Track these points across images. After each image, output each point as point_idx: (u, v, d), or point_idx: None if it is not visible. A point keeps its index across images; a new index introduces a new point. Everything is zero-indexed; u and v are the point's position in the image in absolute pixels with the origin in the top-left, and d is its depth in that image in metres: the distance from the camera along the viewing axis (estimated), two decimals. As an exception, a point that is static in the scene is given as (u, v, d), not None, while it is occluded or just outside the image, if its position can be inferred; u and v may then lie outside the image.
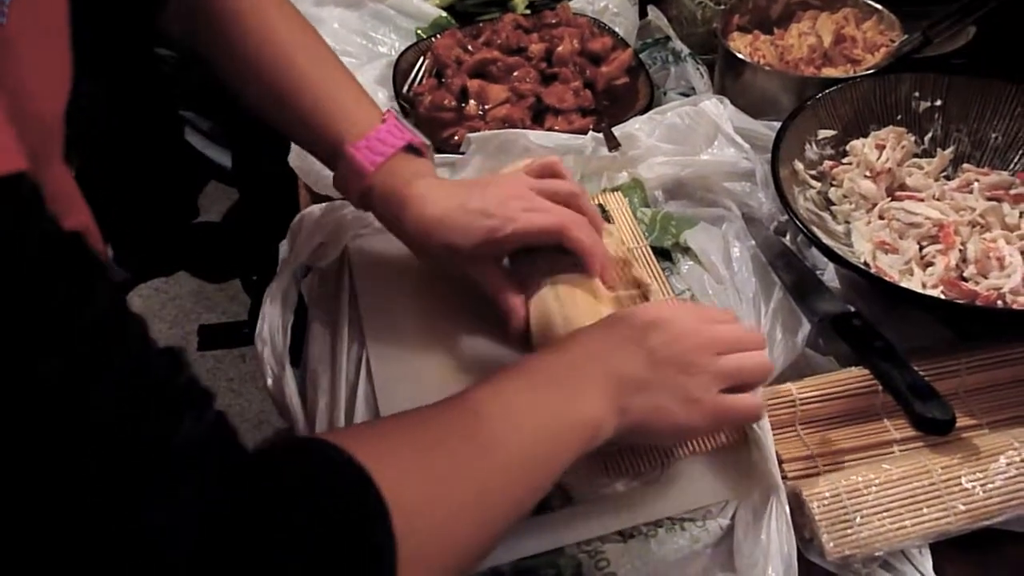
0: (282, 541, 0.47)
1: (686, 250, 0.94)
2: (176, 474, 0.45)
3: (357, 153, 0.82)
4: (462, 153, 1.03)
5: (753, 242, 0.94)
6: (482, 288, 0.83)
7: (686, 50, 1.20)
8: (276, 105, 0.85)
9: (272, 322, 0.87)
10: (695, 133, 1.03)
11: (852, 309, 0.85)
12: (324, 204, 0.97)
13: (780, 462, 0.76)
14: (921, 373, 0.78)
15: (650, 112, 1.06)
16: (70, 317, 0.43)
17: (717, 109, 1.03)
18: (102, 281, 0.46)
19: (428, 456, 0.58)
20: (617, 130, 1.04)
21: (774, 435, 0.77)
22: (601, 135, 1.04)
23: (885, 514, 0.72)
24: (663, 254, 0.95)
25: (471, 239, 0.80)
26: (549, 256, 0.82)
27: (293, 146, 1.01)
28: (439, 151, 1.03)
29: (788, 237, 0.96)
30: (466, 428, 0.61)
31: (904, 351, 0.80)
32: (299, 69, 0.84)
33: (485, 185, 0.84)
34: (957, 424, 0.74)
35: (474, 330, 0.87)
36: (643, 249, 0.93)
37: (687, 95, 1.16)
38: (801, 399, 0.79)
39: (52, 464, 0.41)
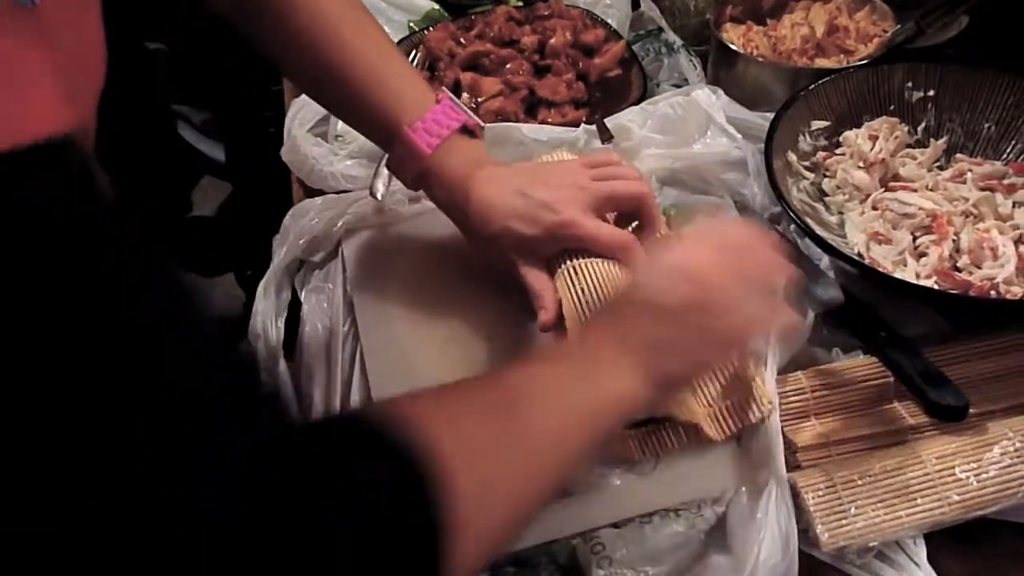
0: (332, 503, 0.47)
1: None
2: (231, 436, 0.45)
3: (414, 135, 0.81)
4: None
5: None
6: (519, 279, 0.82)
7: (679, 41, 1.19)
8: (325, 83, 0.85)
9: (265, 317, 0.87)
10: (687, 123, 1.02)
11: (848, 297, 0.85)
12: (317, 198, 0.97)
13: (795, 450, 0.77)
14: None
15: (642, 103, 1.06)
16: (127, 286, 0.43)
17: (709, 99, 1.02)
18: (156, 251, 0.45)
19: (471, 426, 0.57)
20: (609, 121, 1.04)
21: (788, 424, 0.78)
22: (594, 127, 1.03)
23: (879, 505, 0.72)
24: None
25: (532, 230, 0.79)
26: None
27: (285, 140, 1.01)
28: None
29: (782, 227, 0.96)
30: (502, 405, 0.60)
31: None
32: (350, 47, 0.83)
33: (546, 174, 0.83)
34: (951, 415, 0.75)
35: (469, 323, 0.87)
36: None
37: (680, 87, 1.16)
38: (813, 387, 0.80)
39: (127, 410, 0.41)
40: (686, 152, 1.00)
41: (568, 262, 0.80)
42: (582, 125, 1.03)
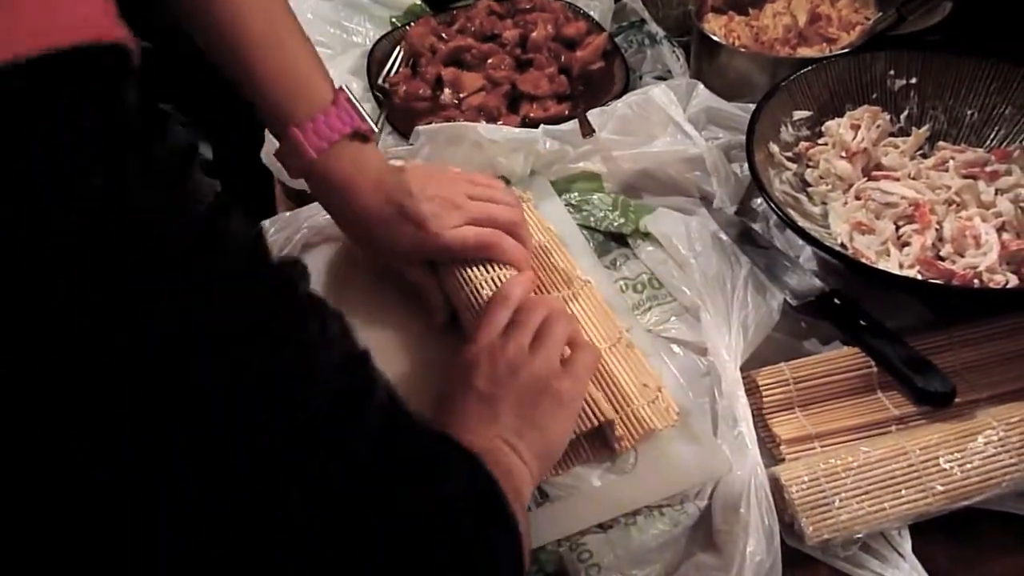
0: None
1: (646, 235, 0.94)
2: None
3: (302, 136, 0.81)
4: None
5: (715, 225, 0.94)
6: (409, 282, 0.87)
7: (661, 33, 1.19)
8: (232, 67, 0.83)
9: None
10: (647, 123, 1.01)
11: (827, 288, 0.85)
12: (275, 217, 0.98)
13: (779, 443, 0.77)
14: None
15: (599, 107, 1.05)
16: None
17: (666, 97, 1.02)
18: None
19: None
20: (567, 126, 1.02)
21: (772, 416, 0.78)
22: (561, 127, 1.02)
23: (864, 497, 0.71)
24: (618, 239, 0.96)
25: (399, 245, 0.83)
26: None
27: (266, 141, 1.01)
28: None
29: (758, 223, 0.96)
30: None
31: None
32: (254, 36, 0.82)
33: (425, 186, 0.84)
34: (935, 405, 0.75)
35: (423, 333, 0.87)
36: (551, 239, 0.94)
37: (664, 78, 1.16)
38: (796, 378, 0.80)
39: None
40: (644, 154, 1.00)
41: (451, 267, 0.85)
42: (541, 126, 1.02)
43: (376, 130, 0.86)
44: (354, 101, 0.83)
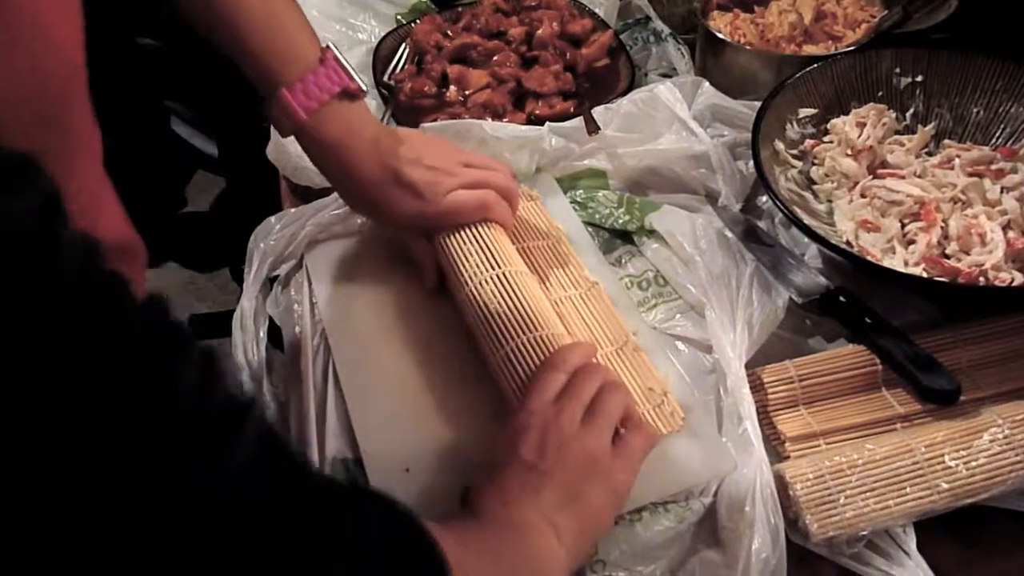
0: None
1: (651, 232, 0.94)
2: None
3: (291, 97, 0.81)
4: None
5: (720, 223, 0.94)
6: (406, 248, 0.89)
7: (667, 30, 1.19)
8: (217, 30, 0.83)
9: (245, 347, 0.86)
10: (653, 120, 1.01)
11: (832, 285, 0.86)
12: (280, 213, 0.98)
13: (784, 440, 0.77)
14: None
15: (604, 105, 1.05)
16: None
17: (672, 94, 1.02)
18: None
19: None
20: (571, 124, 1.02)
21: (777, 414, 0.78)
22: (562, 124, 1.02)
23: (869, 494, 0.71)
24: (624, 237, 0.96)
25: (397, 212, 0.84)
26: None
27: (271, 138, 1.01)
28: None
29: (763, 221, 0.96)
30: None
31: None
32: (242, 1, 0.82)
33: (420, 152, 0.85)
34: (940, 402, 0.75)
35: (431, 322, 0.87)
36: (560, 238, 0.94)
37: (669, 76, 1.16)
38: (801, 376, 0.80)
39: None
40: (649, 152, 1.00)
41: (445, 234, 0.86)
42: (547, 124, 1.02)
43: (364, 88, 0.85)
44: (341, 60, 0.83)
